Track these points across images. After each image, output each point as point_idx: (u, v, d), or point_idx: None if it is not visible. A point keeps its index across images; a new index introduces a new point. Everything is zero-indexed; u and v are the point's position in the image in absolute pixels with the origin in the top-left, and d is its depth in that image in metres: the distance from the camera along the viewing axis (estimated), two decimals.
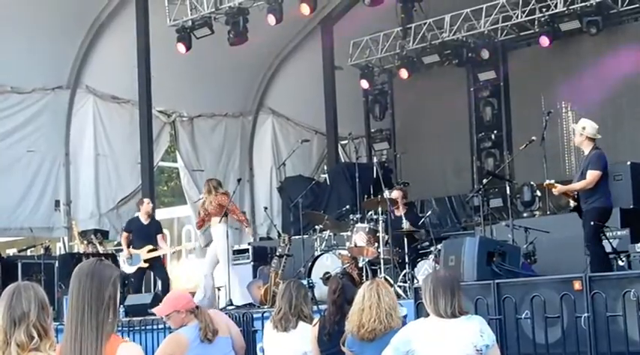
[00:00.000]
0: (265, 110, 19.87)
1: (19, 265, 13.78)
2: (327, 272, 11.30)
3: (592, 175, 9.12)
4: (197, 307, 6.51)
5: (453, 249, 8.72)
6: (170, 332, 6.76)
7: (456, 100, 18.13)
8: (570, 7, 15.30)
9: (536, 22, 16.09)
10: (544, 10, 15.75)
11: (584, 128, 9.37)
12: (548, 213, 14.88)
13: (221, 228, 12.01)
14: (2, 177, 16.05)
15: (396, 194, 12.23)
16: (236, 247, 13.75)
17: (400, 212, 12.07)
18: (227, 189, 12.98)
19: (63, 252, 16.77)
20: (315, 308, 7.17)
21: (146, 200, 13.53)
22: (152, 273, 13.61)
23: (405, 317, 6.18)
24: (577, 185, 9.28)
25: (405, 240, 11.51)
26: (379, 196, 11.79)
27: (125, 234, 13.27)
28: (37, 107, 16.58)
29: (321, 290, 9.72)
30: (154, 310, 6.79)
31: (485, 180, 12.28)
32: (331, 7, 18.25)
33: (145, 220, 13.18)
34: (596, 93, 15.73)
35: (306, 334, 6.65)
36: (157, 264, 13.12)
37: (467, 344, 4.91)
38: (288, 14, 14.74)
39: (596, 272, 8.20)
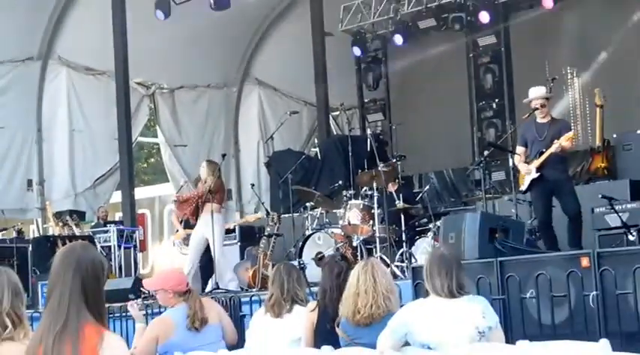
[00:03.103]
0: (251, 80, 19.83)
1: None
2: (320, 253, 11.29)
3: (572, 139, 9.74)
4: (189, 290, 6.53)
5: (453, 225, 8.70)
6: (153, 319, 6.79)
7: (455, 67, 18.07)
8: None
9: None
10: None
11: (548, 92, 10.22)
12: None
13: (216, 214, 11.63)
14: None
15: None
16: None
17: (391, 188, 12.06)
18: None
19: (37, 234, 16.74)
20: (307, 290, 7.15)
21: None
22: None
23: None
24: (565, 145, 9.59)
25: (402, 217, 11.52)
26: (373, 170, 11.76)
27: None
28: (5, 80, 16.52)
29: (313, 272, 9.73)
30: (143, 281, 6.81)
31: (486, 152, 12.24)
32: None
33: None
34: (604, 57, 15.71)
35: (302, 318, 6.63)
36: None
37: (468, 325, 4.94)
38: None
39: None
